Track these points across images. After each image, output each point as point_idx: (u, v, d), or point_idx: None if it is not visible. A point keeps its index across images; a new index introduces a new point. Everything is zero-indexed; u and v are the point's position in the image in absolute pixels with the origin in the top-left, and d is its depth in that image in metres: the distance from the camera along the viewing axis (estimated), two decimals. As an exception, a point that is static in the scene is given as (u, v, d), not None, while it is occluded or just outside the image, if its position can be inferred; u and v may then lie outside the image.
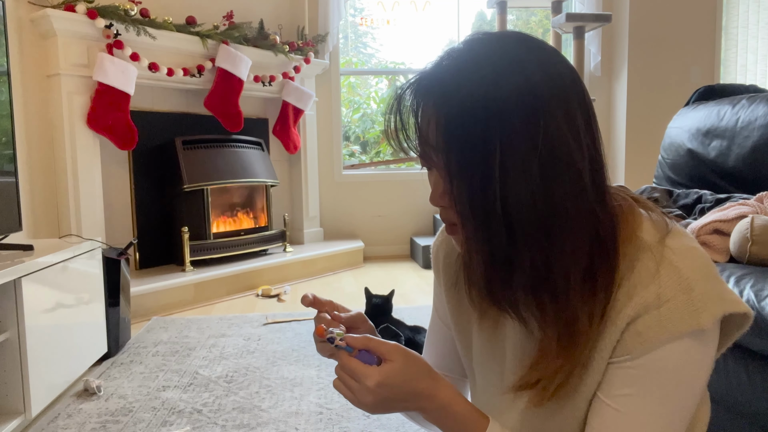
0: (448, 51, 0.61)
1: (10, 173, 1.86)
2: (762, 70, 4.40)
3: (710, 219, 1.62)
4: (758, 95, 1.96)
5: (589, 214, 0.58)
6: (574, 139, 0.57)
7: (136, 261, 3.26)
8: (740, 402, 1.28)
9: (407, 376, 0.61)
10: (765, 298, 1.22)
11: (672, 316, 0.56)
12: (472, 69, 0.57)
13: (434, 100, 0.58)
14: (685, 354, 0.56)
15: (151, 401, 1.87)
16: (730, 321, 0.60)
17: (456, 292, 0.78)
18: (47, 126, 2.78)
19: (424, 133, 0.60)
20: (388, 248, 4.54)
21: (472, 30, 5.03)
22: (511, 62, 0.57)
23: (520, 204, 0.56)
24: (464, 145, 0.57)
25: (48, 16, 2.61)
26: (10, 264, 1.61)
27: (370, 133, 5.29)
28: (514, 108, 0.56)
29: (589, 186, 0.58)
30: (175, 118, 3.44)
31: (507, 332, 0.70)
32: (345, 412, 1.77)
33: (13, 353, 1.64)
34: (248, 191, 3.72)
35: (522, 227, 0.56)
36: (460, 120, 0.56)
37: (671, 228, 0.61)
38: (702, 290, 0.56)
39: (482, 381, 0.75)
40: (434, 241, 0.84)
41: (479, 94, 0.56)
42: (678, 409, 0.58)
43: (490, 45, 0.59)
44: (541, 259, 0.57)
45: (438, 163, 0.60)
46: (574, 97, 0.59)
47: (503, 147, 0.56)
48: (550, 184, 0.56)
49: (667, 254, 0.58)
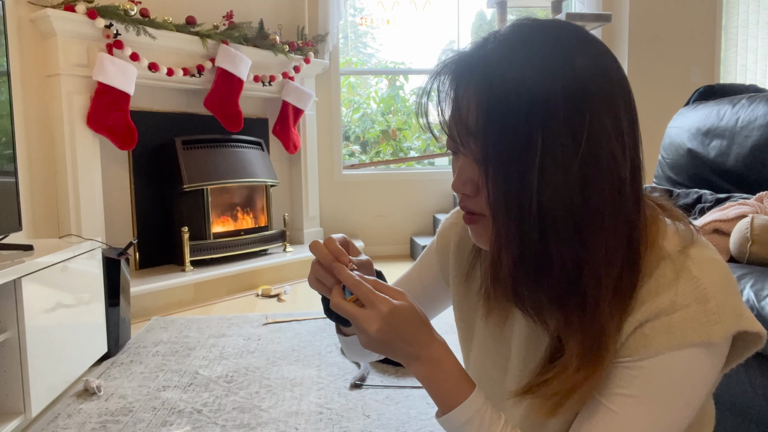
0: (494, 33, 0.58)
1: (10, 173, 1.86)
2: (762, 70, 4.40)
3: (710, 219, 1.62)
4: (758, 95, 1.96)
5: (626, 221, 0.56)
6: (617, 140, 0.55)
7: (136, 261, 3.26)
8: (740, 402, 1.28)
9: (413, 318, 0.60)
10: (765, 298, 1.22)
11: (683, 324, 0.54)
12: (519, 54, 0.55)
13: (477, 82, 0.55)
14: (690, 364, 0.54)
15: (151, 401, 1.87)
16: (742, 339, 0.58)
17: (465, 284, 0.76)
18: (47, 126, 2.78)
19: (462, 115, 0.57)
20: (388, 248, 4.54)
21: (471, 30, 5.03)
22: (560, 52, 0.55)
23: (557, 202, 0.53)
24: (505, 133, 0.54)
25: (48, 16, 2.61)
26: (10, 264, 1.61)
27: (370, 133, 5.29)
28: (560, 100, 0.53)
29: (628, 192, 0.56)
30: (175, 118, 3.44)
31: (514, 332, 0.69)
32: (345, 412, 1.77)
33: (13, 353, 1.64)
34: (248, 191, 3.72)
35: (556, 227, 0.54)
36: (503, 105, 0.54)
37: (696, 239, 0.58)
38: (718, 303, 0.54)
39: (479, 375, 0.74)
40: (448, 217, 0.82)
41: (526, 80, 0.53)
42: (672, 419, 0.56)
43: (540, 31, 0.57)
44: (573, 264, 0.55)
45: (472, 148, 0.57)
46: (620, 96, 0.56)
47: (545, 139, 0.53)
48: (588, 185, 0.54)
49: (687, 264, 0.56)
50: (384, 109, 5.32)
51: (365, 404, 1.83)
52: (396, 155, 5.19)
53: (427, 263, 0.83)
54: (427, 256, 0.84)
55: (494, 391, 0.72)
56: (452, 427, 0.60)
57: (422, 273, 0.84)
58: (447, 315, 0.84)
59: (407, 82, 5.26)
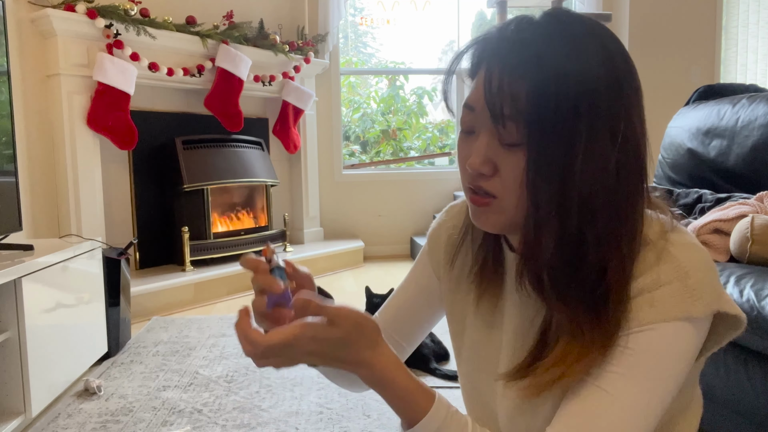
0: (525, 18, 0.58)
1: (10, 173, 1.86)
2: (762, 70, 4.40)
3: (710, 218, 1.62)
4: (758, 95, 1.96)
5: (640, 217, 0.58)
6: (642, 134, 0.57)
7: (136, 261, 3.26)
8: (740, 401, 1.28)
9: (346, 343, 0.56)
10: (765, 298, 1.22)
11: (665, 299, 0.56)
12: (566, 43, 0.55)
13: (525, 65, 0.55)
14: (673, 337, 0.56)
15: (151, 401, 1.87)
16: (723, 322, 0.60)
17: (453, 271, 0.77)
18: (47, 126, 2.78)
19: (503, 95, 0.56)
20: (388, 248, 4.54)
21: (471, 30, 5.03)
22: (600, 44, 0.56)
23: (596, 189, 0.55)
24: (553, 119, 0.54)
25: (48, 16, 2.61)
26: (10, 264, 1.61)
27: (370, 133, 5.28)
28: (602, 90, 0.55)
29: (645, 188, 0.59)
30: (175, 118, 3.44)
31: (505, 318, 0.69)
32: (345, 412, 1.77)
33: (13, 353, 1.64)
34: (248, 191, 3.72)
35: (594, 213, 0.55)
36: (553, 92, 0.54)
37: (675, 225, 0.61)
38: (698, 280, 0.56)
39: (472, 366, 0.74)
40: (436, 221, 0.83)
41: (573, 69, 0.54)
42: (657, 393, 0.56)
43: (577, 20, 0.58)
44: (605, 250, 0.56)
45: (506, 129, 0.56)
46: (641, 91, 0.58)
47: (589, 128, 0.54)
48: (622, 176, 0.56)
49: (667, 247, 0.58)
50: (384, 109, 5.32)
51: (365, 404, 1.83)
52: (396, 155, 5.19)
53: (422, 268, 0.84)
54: (420, 261, 0.85)
55: (487, 381, 0.72)
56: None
57: (419, 279, 0.84)
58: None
59: (407, 82, 5.26)
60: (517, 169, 0.57)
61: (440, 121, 5.50)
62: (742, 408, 1.28)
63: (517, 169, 0.57)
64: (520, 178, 0.57)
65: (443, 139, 5.38)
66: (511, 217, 0.60)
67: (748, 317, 0.93)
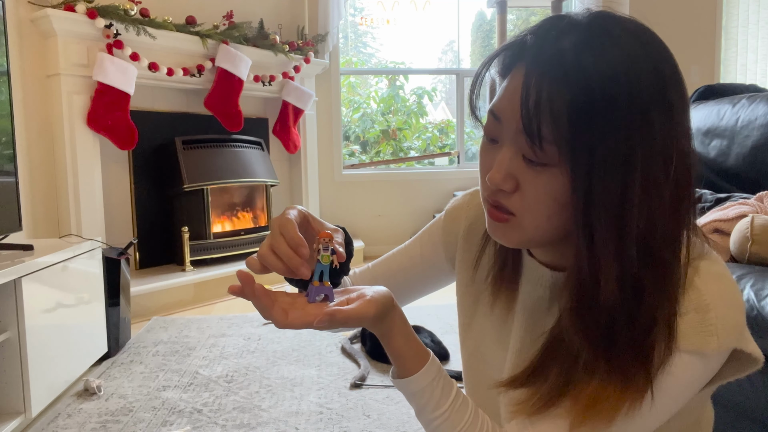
0: (570, 22, 0.52)
1: (10, 173, 1.86)
2: (762, 70, 4.40)
3: (710, 218, 1.62)
4: (758, 95, 1.96)
5: (683, 247, 0.54)
6: (693, 155, 0.53)
7: (136, 261, 3.26)
8: (740, 402, 1.28)
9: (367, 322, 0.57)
10: (765, 298, 1.22)
11: (679, 329, 0.53)
12: (610, 52, 0.50)
13: (558, 77, 0.50)
14: (678, 368, 0.53)
15: (151, 401, 1.87)
16: (737, 358, 0.57)
17: (473, 270, 0.75)
18: (47, 126, 2.78)
19: (542, 112, 0.50)
20: (388, 248, 4.46)
21: (471, 30, 5.03)
22: (650, 58, 0.52)
23: (653, 223, 0.51)
24: (604, 146, 0.49)
25: (48, 16, 2.61)
26: (10, 264, 1.60)
27: (370, 132, 5.28)
28: (655, 112, 0.50)
29: (694, 215, 0.55)
30: (175, 118, 3.44)
31: (515, 324, 0.69)
32: (345, 412, 1.77)
33: (13, 353, 1.64)
34: (248, 191, 3.72)
35: (650, 249, 0.51)
36: (603, 116, 0.49)
37: (706, 252, 0.57)
38: (718, 315, 0.53)
39: (477, 362, 0.74)
40: (458, 199, 0.79)
41: (622, 88, 0.49)
42: (654, 415, 0.55)
43: (626, 28, 0.53)
44: (661, 285, 0.52)
45: (546, 149, 0.51)
46: (689, 107, 0.54)
47: (644, 157, 0.50)
48: (675, 207, 0.52)
49: (691, 275, 0.54)
50: (384, 109, 5.32)
51: (365, 404, 1.83)
52: (396, 155, 5.19)
53: (431, 240, 0.81)
54: (430, 233, 0.82)
55: (487, 377, 0.72)
56: (406, 392, 0.60)
57: (424, 249, 0.82)
58: (446, 313, 0.83)
59: (407, 81, 5.26)
60: (542, 190, 0.53)
61: (440, 121, 5.50)
62: (743, 409, 1.28)
63: (542, 190, 0.53)
64: (543, 199, 0.53)
65: (443, 139, 5.38)
66: (530, 236, 0.57)
67: (748, 317, 0.93)
